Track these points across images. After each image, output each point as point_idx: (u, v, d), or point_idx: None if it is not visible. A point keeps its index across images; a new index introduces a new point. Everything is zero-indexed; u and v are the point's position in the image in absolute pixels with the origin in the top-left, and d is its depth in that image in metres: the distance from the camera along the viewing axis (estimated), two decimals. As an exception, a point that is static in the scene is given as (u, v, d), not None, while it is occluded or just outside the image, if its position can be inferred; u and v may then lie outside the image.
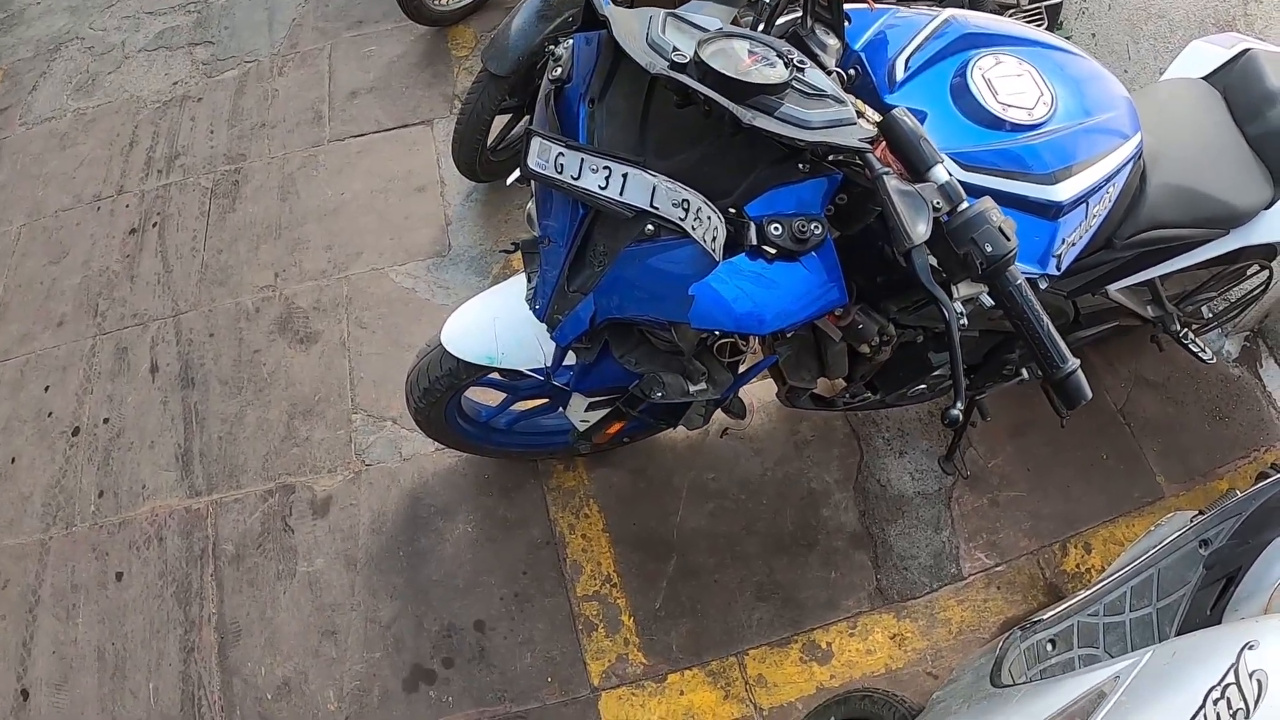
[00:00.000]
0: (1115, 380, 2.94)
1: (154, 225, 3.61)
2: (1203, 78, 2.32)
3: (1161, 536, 1.86)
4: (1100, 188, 1.72)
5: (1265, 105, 2.14)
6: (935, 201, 1.33)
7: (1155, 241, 2.00)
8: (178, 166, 3.85)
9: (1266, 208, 2.12)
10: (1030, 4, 3.40)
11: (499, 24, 2.97)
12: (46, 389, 3.17)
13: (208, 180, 3.73)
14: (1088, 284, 2.11)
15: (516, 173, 1.58)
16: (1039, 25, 3.37)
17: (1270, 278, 2.60)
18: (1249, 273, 2.59)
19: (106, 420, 3.05)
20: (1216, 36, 2.46)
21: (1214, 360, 2.63)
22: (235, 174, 3.73)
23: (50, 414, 3.10)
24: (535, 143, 1.51)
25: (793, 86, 1.41)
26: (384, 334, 3.09)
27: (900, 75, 1.73)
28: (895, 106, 1.59)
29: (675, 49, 1.43)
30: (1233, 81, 2.25)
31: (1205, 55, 2.37)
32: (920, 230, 1.30)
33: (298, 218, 3.49)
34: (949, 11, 1.84)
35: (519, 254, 1.80)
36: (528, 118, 3.20)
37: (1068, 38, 3.57)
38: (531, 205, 1.72)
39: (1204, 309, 2.80)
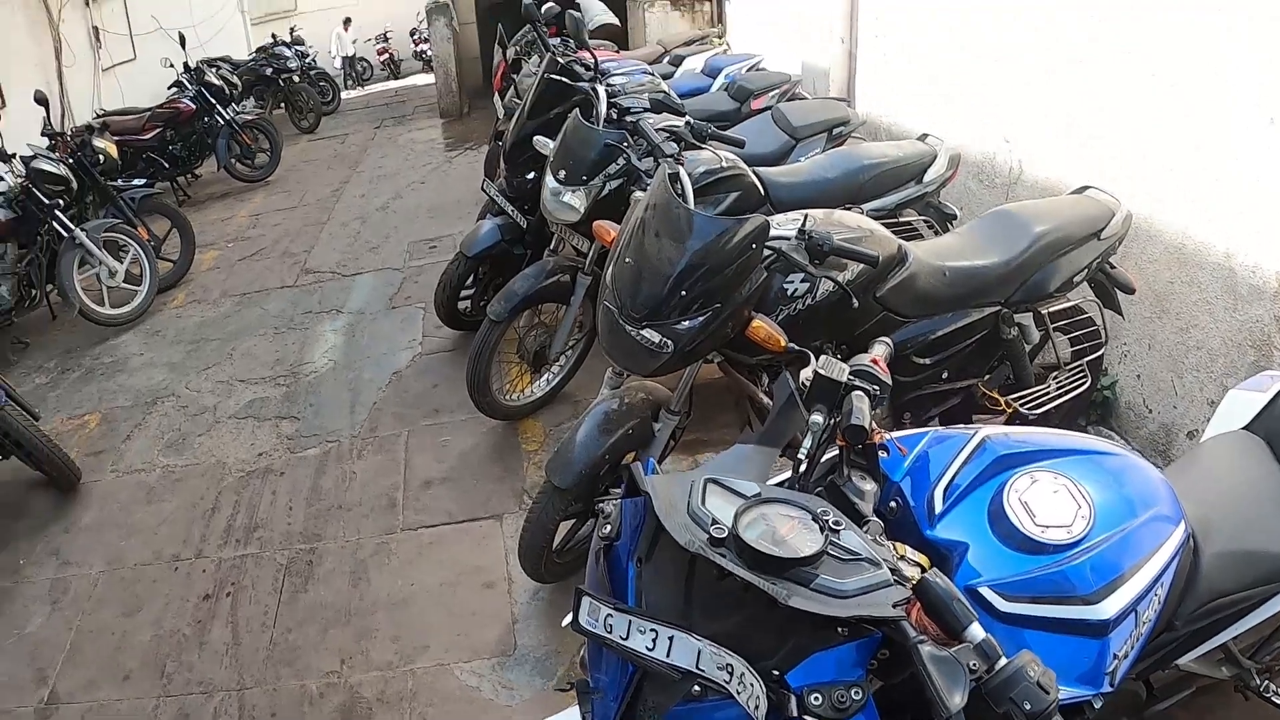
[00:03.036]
0: (1208, 741, 2.87)
1: (228, 594, 3.86)
2: (1244, 427, 2.32)
3: None
4: (1149, 591, 1.73)
5: None
6: (971, 663, 1.37)
7: (1219, 610, 1.98)
8: (255, 539, 4.17)
9: None
10: (1073, 362, 3.56)
11: (566, 420, 3.21)
12: (106, 745, 3.30)
13: (283, 557, 4.02)
14: (1155, 663, 2.07)
15: (569, 618, 1.66)
16: (1083, 381, 3.51)
17: None
18: None
19: (162, 790, 3.16)
20: (1251, 381, 2.49)
21: None
22: (310, 553, 4.02)
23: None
24: (585, 602, 1.61)
25: (828, 554, 1.51)
26: (446, 733, 3.23)
27: (939, 507, 1.82)
28: (937, 541, 1.76)
29: (715, 522, 1.53)
30: (1274, 426, 2.25)
31: (1243, 403, 2.37)
32: (956, 700, 1.35)
33: (368, 605, 3.70)
34: (984, 431, 1.96)
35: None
36: (592, 521, 3.46)
37: (1113, 383, 3.79)
38: (584, 652, 1.84)
39: (1288, 651, 2.73)
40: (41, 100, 7.81)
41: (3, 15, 9.49)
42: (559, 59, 4.87)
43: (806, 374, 1.94)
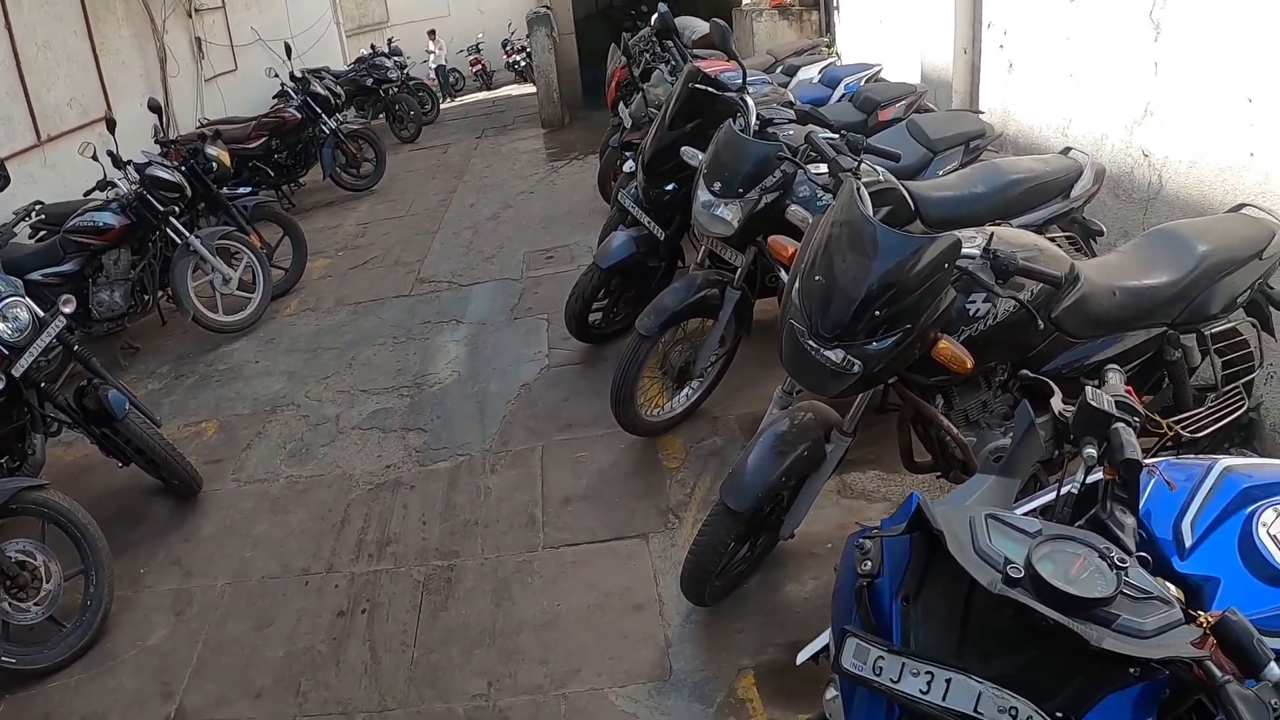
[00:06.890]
0: None
1: (363, 611, 3.83)
2: None
3: None
4: None
5: None
6: (1273, 701, 1.36)
7: None
8: (389, 554, 4.14)
9: None
10: (1226, 385, 3.44)
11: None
12: (239, 762, 3.27)
13: (419, 573, 3.99)
14: None
15: (805, 655, 1.71)
16: (1239, 404, 3.44)
17: None
18: None
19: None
20: None
21: None
22: (448, 570, 3.98)
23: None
24: (850, 643, 1.60)
25: (1122, 593, 1.47)
26: (605, 762, 3.14)
27: (1189, 540, 1.84)
28: (1189, 574, 1.76)
29: (1009, 561, 1.51)
30: None
31: None
32: None
33: (513, 625, 3.63)
34: (1224, 462, 1.98)
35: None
36: (747, 544, 3.39)
37: (1259, 405, 3.79)
38: (831, 696, 1.82)
39: None
40: (155, 108, 8.02)
41: (110, 28, 9.77)
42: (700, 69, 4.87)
43: (1057, 405, 1.97)
